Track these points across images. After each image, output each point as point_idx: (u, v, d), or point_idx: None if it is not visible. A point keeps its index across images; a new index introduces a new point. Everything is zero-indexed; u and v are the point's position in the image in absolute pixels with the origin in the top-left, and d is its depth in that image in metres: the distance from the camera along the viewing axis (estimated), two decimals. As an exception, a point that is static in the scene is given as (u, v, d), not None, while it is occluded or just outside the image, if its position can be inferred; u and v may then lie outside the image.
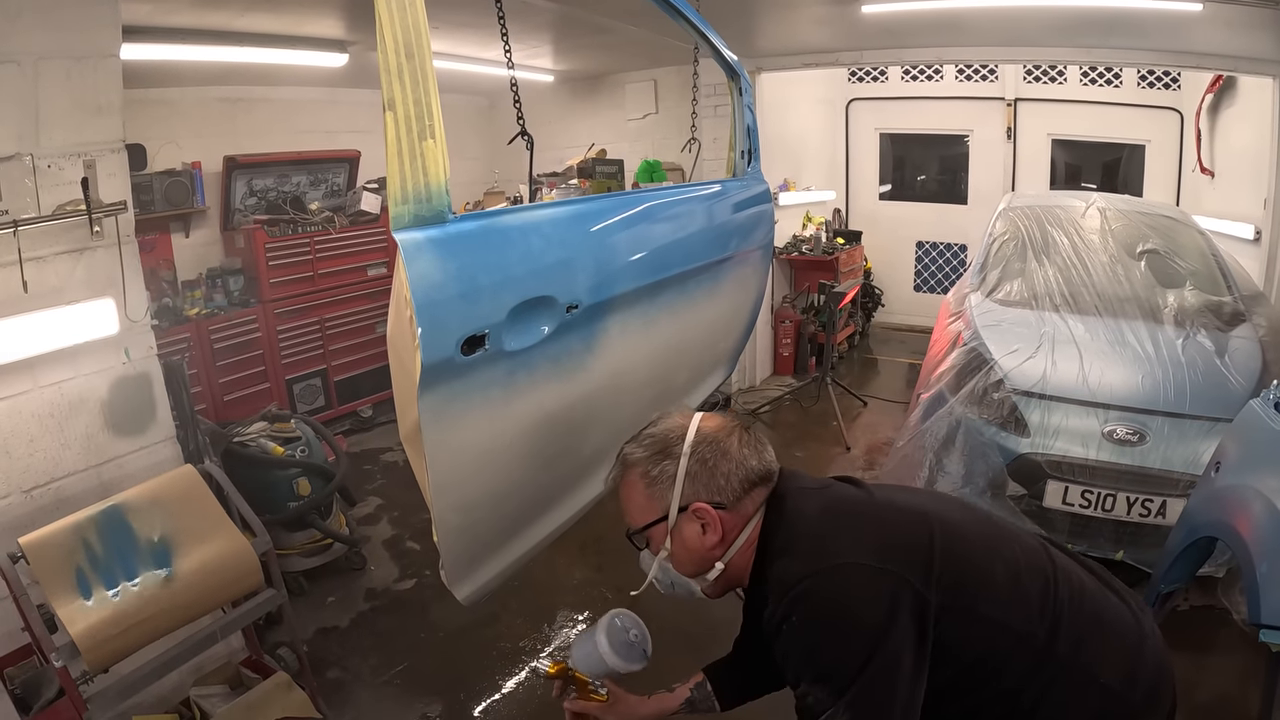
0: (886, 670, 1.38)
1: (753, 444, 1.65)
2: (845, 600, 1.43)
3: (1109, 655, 1.52)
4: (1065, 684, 1.48)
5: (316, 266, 6.23)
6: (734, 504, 1.62)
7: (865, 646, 1.39)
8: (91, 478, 2.90)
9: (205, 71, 5.51)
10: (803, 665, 1.46)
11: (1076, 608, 1.54)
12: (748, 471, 1.62)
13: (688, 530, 1.64)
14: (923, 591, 1.43)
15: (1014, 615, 1.49)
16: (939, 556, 1.48)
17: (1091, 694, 1.49)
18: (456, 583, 2.21)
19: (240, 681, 3.18)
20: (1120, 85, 7.71)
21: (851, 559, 1.46)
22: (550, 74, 7.51)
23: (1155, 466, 3.57)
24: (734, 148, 3.68)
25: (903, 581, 1.43)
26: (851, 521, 1.56)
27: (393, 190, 1.75)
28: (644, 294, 2.54)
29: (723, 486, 1.60)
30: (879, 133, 9.22)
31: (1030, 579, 1.54)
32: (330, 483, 4.26)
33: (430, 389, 1.79)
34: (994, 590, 1.50)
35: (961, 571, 1.49)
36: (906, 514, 1.59)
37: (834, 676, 1.40)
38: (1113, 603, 1.61)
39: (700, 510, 1.60)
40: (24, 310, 2.57)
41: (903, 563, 1.45)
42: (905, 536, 1.51)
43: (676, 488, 1.61)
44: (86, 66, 2.70)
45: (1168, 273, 4.60)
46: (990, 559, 1.55)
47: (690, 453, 1.62)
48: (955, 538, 1.54)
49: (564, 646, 3.74)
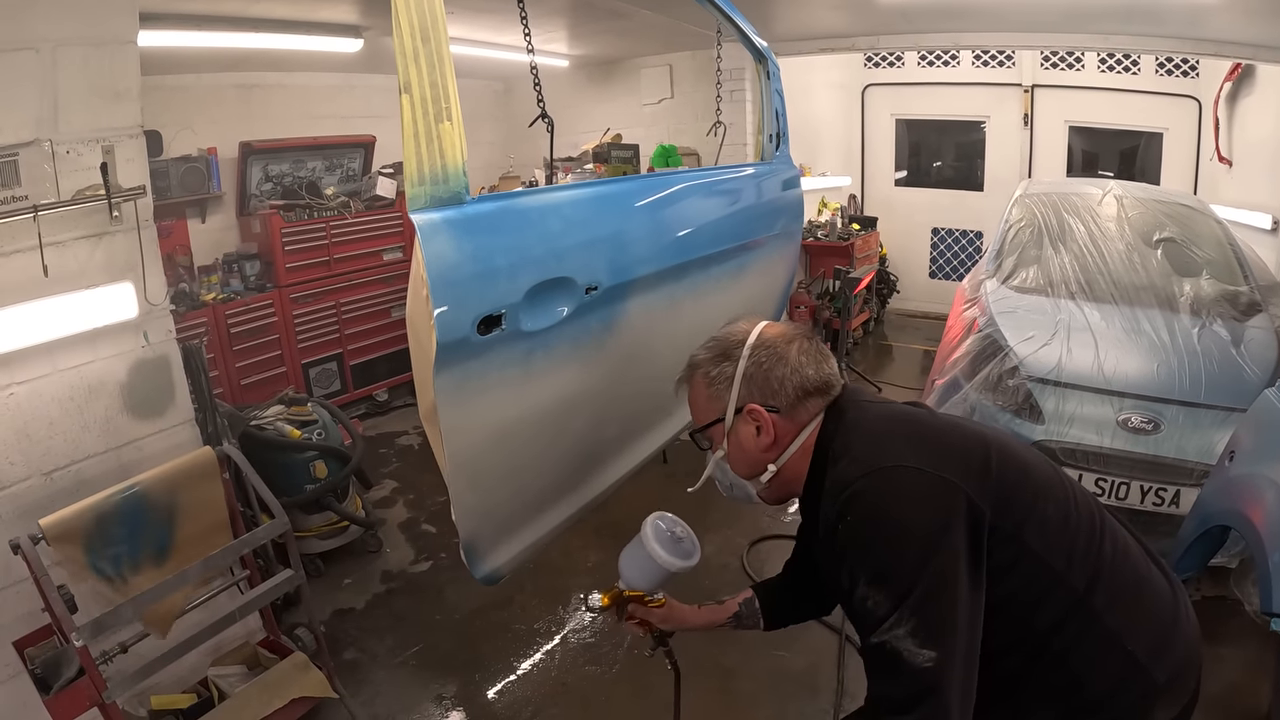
0: (946, 575, 1.36)
1: (813, 354, 1.65)
2: (901, 501, 1.41)
3: (1140, 624, 1.50)
4: (1095, 639, 1.46)
5: (332, 251, 6.25)
6: (788, 409, 1.63)
7: (922, 549, 1.37)
8: (111, 460, 2.93)
9: (220, 58, 5.53)
10: (859, 565, 1.43)
11: (1117, 567, 1.52)
12: (803, 379, 1.62)
13: (743, 431, 1.67)
14: (978, 503, 1.41)
15: (1056, 554, 1.46)
16: (995, 475, 1.46)
17: (1115, 657, 1.47)
18: (475, 562, 2.23)
19: (258, 662, 3.23)
20: (1138, 72, 7.63)
21: (909, 462, 1.44)
22: (565, 59, 7.49)
23: (1169, 455, 3.56)
24: (762, 131, 3.66)
25: (957, 490, 1.41)
26: (911, 430, 1.56)
27: (409, 172, 1.76)
28: (668, 276, 2.53)
29: (777, 391, 1.62)
30: (895, 118, 9.16)
31: (1079, 525, 1.52)
32: (347, 466, 4.29)
33: (446, 368, 1.81)
34: (1042, 523, 1.48)
35: (1013, 496, 1.47)
36: (968, 434, 1.58)
37: (892, 579, 1.37)
38: (1155, 575, 1.58)
39: (754, 412, 1.63)
40: (44, 294, 2.59)
41: (959, 472, 1.43)
42: (963, 450, 1.50)
43: (733, 390, 1.65)
44: (105, 53, 2.71)
45: (1184, 261, 4.57)
46: (1043, 493, 1.52)
47: (748, 356, 1.65)
48: (1012, 464, 1.53)
49: (574, 622, 3.77)
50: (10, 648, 2.55)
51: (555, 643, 3.70)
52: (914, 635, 1.33)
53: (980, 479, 1.44)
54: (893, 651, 1.35)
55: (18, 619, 2.62)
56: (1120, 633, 1.47)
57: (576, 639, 3.72)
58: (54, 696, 2.39)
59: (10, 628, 2.60)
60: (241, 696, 2.92)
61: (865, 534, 1.42)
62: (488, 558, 2.28)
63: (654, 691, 3.35)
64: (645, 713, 3.22)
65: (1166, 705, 1.53)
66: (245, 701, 2.88)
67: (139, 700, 2.94)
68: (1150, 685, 1.48)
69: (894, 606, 1.35)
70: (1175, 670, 1.51)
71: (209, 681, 3.09)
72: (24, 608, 2.62)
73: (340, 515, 4.28)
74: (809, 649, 3.45)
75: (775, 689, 3.27)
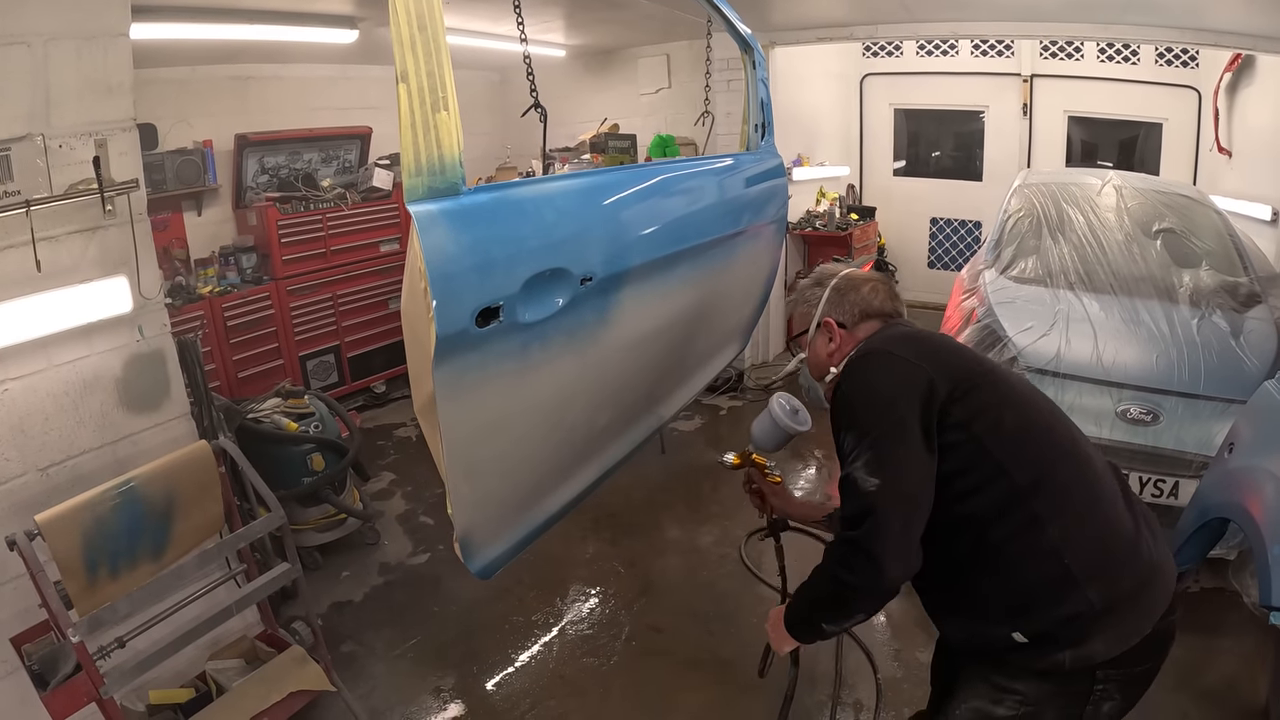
0: (899, 426, 1.70)
1: (881, 290, 2.08)
2: (877, 372, 1.84)
3: (1082, 545, 1.67)
4: (1032, 541, 1.68)
5: (329, 243, 6.23)
6: (851, 326, 2.05)
7: (884, 404, 1.74)
8: (107, 455, 2.92)
9: (216, 50, 5.50)
10: (840, 420, 1.83)
11: (1070, 486, 1.74)
12: (866, 305, 2.04)
13: (819, 340, 2.10)
14: (938, 385, 1.73)
15: (1003, 450, 1.72)
16: (964, 375, 1.80)
17: (1050, 565, 1.66)
18: (471, 555, 2.22)
19: (255, 655, 3.23)
20: (1138, 62, 7.60)
21: (893, 349, 1.87)
22: (562, 49, 7.46)
23: (1168, 447, 3.56)
24: (748, 121, 3.65)
25: (922, 370, 1.76)
26: (912, 336, 1.96)
27: (406, 162, 1.75)
28: (658, 267, 2.53)
29: (846, 310, 2.06)
30: (893, 108, 9.12)
31: (1038, 439, 1.78)
32: (344, 458, 4.29)
33: (445, 361, 1.80)
34: (996, 424, 1.75)
35: (974, 395, 1.76)
36: (961, 350, 1.98)
37: (859, 424, 1.75)
38: (1119, 514, 1.75)
39: (827, 324, 2.07)
40: (38, 290, 2.58)
41: (931, 363, 1.79)
42: (946, 354, 1.89)
43: (819, 308, 2.09)
44: (97, 46, 2.69)
45: (1184, 252, 4.56)
46: (1010, 406, 1.81)
47: (833, 284, 2.09)
48: (989, 377, 1.85)
49: (572, 614, 3.78)
50: (7, 644, 2.54)
51: (553, 635, 3.71)
52: (866, 466, 1.68)
53: (948, 372, 1.78)
54: (851, 480, 1.71)
55: (14, 615, 2.61)
56: (1059, 545, 1.66)
57: (574, 631, 3.73)
58: (51, 692, 2.38)
59: (7, 624, 2.59)
60: (239, 690, 2.92)
61: (848, 396, 1.83)
62: (483, 551, 2.28)
63: (651, 682, 3.36)
64: (642, 705, 3.23)
65: (1106, 638, 1.65)
66: (243, 695, 2.88)
67: (137, 695, 2.95)
68: (1085, 606, 1.64)
69: (856, 443, 1.73)
70: (1115, 603, 1.65)
71: (207, 676, 3.10)
72: (21, 604, 2.61)
73: (338, 508, 4.28)
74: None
75: (774, 680, 3.27)
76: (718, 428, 6.22)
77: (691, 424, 6.20)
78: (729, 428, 6.24)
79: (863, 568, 1.65)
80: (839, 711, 3.10)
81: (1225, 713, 3.04)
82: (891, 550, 1.64)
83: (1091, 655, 1.66)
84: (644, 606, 3.90)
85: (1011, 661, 1.75)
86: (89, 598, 2.50)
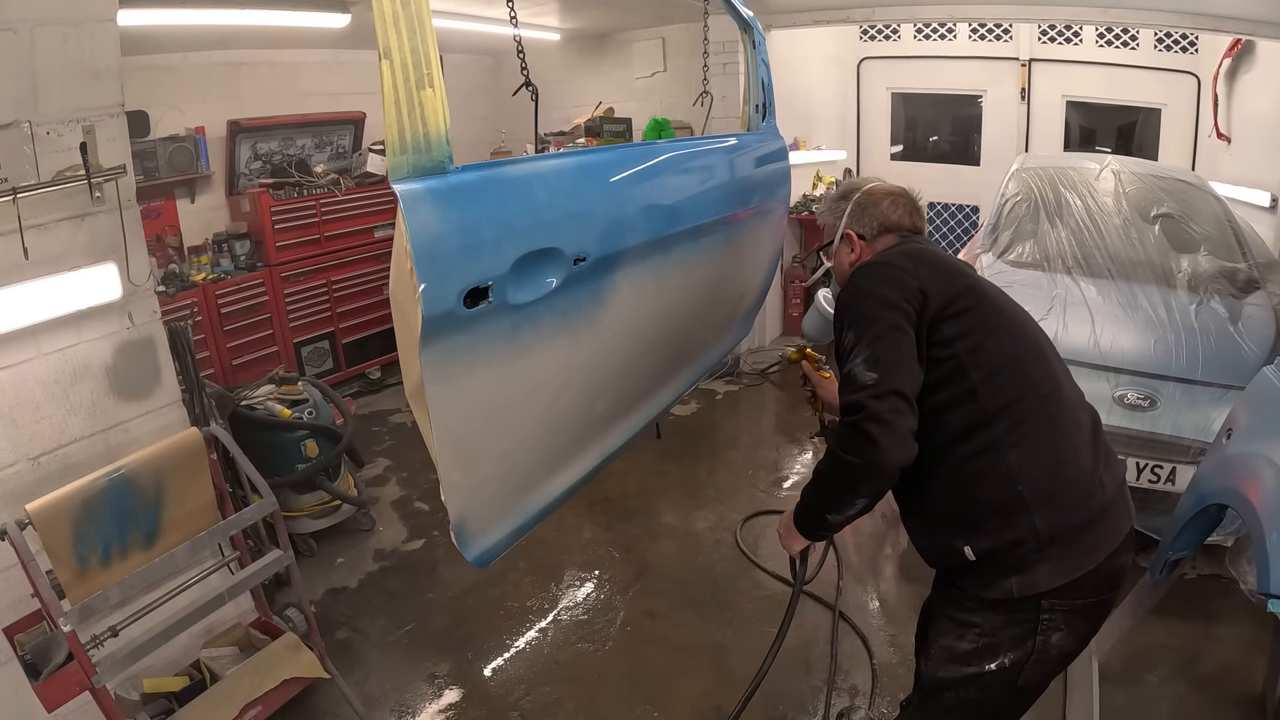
0: (893, 328, 1.83)
1: (901, 206, 2.24)
2: (875, 279, 1.95)
3: (1037, 475, 1.81)
4: (991, 462, 1.82)
5: (323, 229, 6.21)
6: (871, 238, 2.21)
7: (881, 307, 1.86)
8: (98, 443, 2.90)
9: (207, 35, 5.44)
10: (841, 318, 1.94)
11: (1038, 420, 1.86)
12: (884, 219, 2.20)
13: (842, 248, 2.27)
14: (930, 298, 1.87)
15: (979, 373, 1.85)
16: (957, 295, 1.91)
17: (1004, 489, 1.80)
18: (467, 543, 2.20)
19: (249, 643, 3.22)
20: (1137, 47, 7.53)
21: (892, 261, 1.99)
22: (556, 32, 7.41)
23: (1166, 432, 3.55)
24: (748, 102, 3.62)
25: (916, 281, 1.89)
26: (917, 250, 2.07)
27: (390, 140, 1.72)
28: (655, 248, 2.50)
29: (867, 223, 2.22)
30: (891, 92, 9.05)
31: (1017, 372, 1.89)
32: (338, 444, 4.28)
33: (432, 342, 1.78)
34: (978, 347, 1.87)
35: (964, 316, 1.89)
36: (965, 272, 2.04)
37: (859, 323, 1.86)
38: (1079, 451, 1.88)
39: (848, 235, 2.24)
40: (26, 278, 2.55)
41: (928, 279, 1.91)
42: (944, 271, 1.98)
43: (843, 219, 2.25)
44: (83, 32, 2.65)
45: (1182, 238, 4.54)
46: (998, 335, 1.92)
47: (856, 199, 2.25)
48: (983, 304, 1.95)
49: (567, 600, 3.78)
50: (0, 635, 2.53)
51: (548, 620, 3.71)
52: (865, 363, 1.79)
53: (943, 289, 1.90)
54: (851, 375, 1.82)
55: (6, 605, 2.59)
56: (1015, 471, 1.80)
57: (569, 616, 3.73)
58: (44, 682, 2.37)
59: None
60: (233, 678, 2.91)
61: (848, 297, 1.96)
62: (479, 539, 2.26)
63: (645, 668, 3.37)
64: (637, 689, 3.23)
65: (1049, 568, 1.78)
66: (237, 683, 2.87)
67: (131, 684, 2.94)
68: (1031, 534, 1.78)
69: (855, 341, 1.84)
70: (1060, 535, 1.78)
71: (201, 664, 3.09)
72: (13, 594, 2.60)
73: (332, 494, 4.27)
74: (803, 626, 3.45)
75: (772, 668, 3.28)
76: (714, 413, 6.22)
77: (688, 408, 6.19)
78: (725, 412, 6.24)
79: (863, 449, 1.74)
80: (834, 696, 3.10)
81: (1222, 699, 3.05)
82: (888, 434, 1.72)
83: (1035, 583, 1.79)
84: (639, 592, 3.91)
85: (967, 592, 1.91)
86: (80, 586, 2.48)
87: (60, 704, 2.44)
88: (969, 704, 1.97)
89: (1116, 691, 2.96)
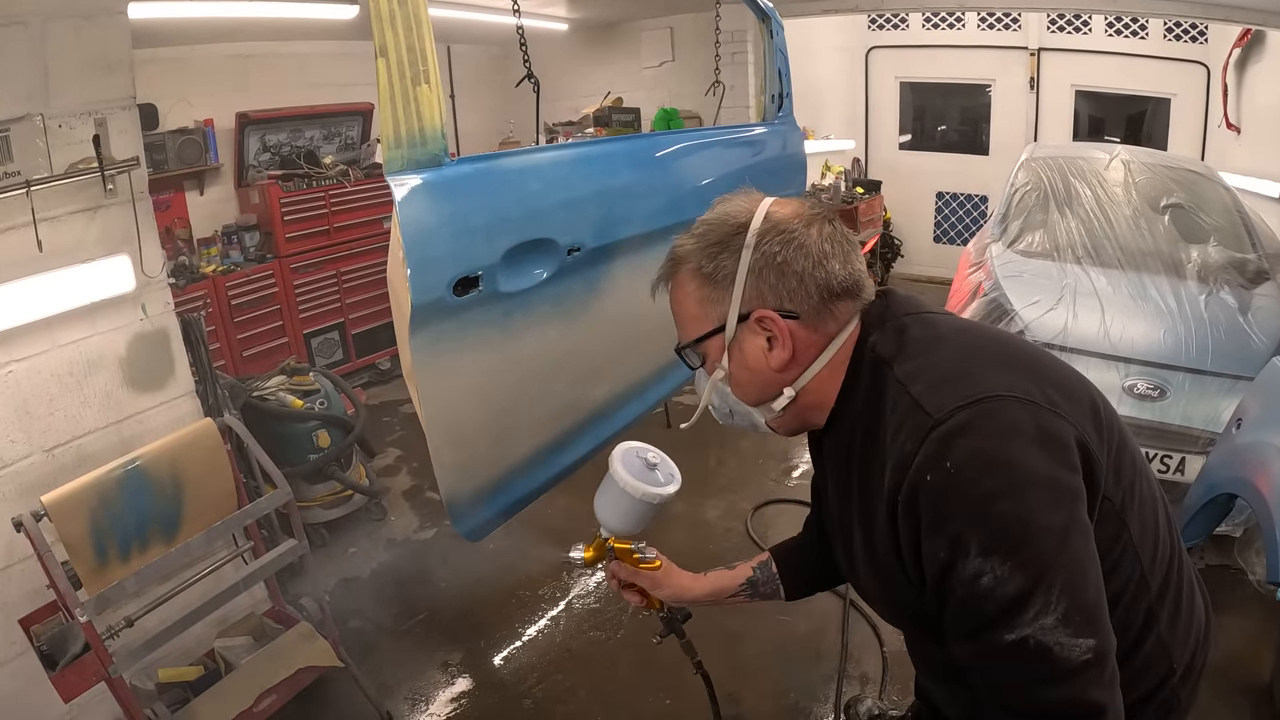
0: (1079, 534, 1.04)
1: (839, 241, 1.24)
2: (1026, 442, 1.04)
3: (1184, 641, 1.25)
4: (1151, 651, 1.20)
5: (332, 220, 6.21)
6: (811, 315, 1.23)
7: (1060, 506, 1.03)
8: (112, 434, 2.92)
9: (215, 28, 5.44)
10: (969, 528, 1.02)
11: (1181, 572, 1.26)
12: (828, 275, 1.21)
13: (749, 345, 1.27)
14: (1096, 456, 1.10)
15: (1145, 543, 1.18)
16: (1105, 423, 1.16)
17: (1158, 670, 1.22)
18: (459, 518, 2.26)
19: (264, 632, 3.24)
20: (1146, 37, 7.50)
21: (1021, 394, 1.08)
22: (564, 22, 7.38)
23: (1175, 422, 3.55)
24: (764, 91, 3.62)
25: (1069, 429, 1.08)
26: (1004, 351, 1.22)
27: (386, 135, 1.79)
28: (656, 239, 2.51)
29: (795, 290, 1.21)
30: (899, 81, 9.04)
31: (1158, 514, 1.23)
32: (349, 435, 4.30)
33: (422, 329, 1.84)
34: (1141, 503, 1.18)
35: (1122, 460, 1.17)
36: (1064, 366, 1.25)
37: (1028, 546, 1.00)
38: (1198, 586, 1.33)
39: (765, 319, 1.23)
40: (40, 270, 2.57)
41: (1070, 410, 1.11)
42: (1069, 384, 1.17)
43: (736, 290, 1.23)
44: (95, 25, 2.66)
45: (1192, 228, 4.52)
46: (1139, 464, 1.22)
47: (755, 245, 1.22)
48: (1115, 416, 1.21)
49: (578, 588, 3.79)
50: (16, 625, 2.55)
51: (560, 609, 3.72)
52: (1065, 619, 0.99)
53: (1095, 422, 1.14)
54: (1043, 649, 0.99)
55: (23, 596, 2.63)
56: (1167, 648, 1.22)
57: (581, 604, 3.74)
58: (60, 673, 2.39)
59: (16, 605, 2.61)
60: (248, 667, 2.93)
61: (978, 486, 1.03)
62: (470, 514, 2.30)
63: (659, 657, 3.37)
64: (650, 677, 3.24)
65: None
66: (252, 672, 2.89)
67: (146, 674, 2.96)
68: (1175, 704, 1.25)
69: (1032, 585, 0.99)
70: (1193, 689, 1.29)
71: (215, 653, 3.11)
72: (29, 585, 2.63)
73: (344, 484, 4.29)
74: (813, 614, 3.46)
75: (779, 653, 3.29)
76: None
77: (697, 398, 6.18)
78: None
79: None
80: (845, 685, 3.11)
81: (1229, 689, 3.04)
82: None
83: None
84: (650, 581, 3.90)
85: None
86: (99, 578, 2.51)
87: (77, 694, 2.47)
88: None
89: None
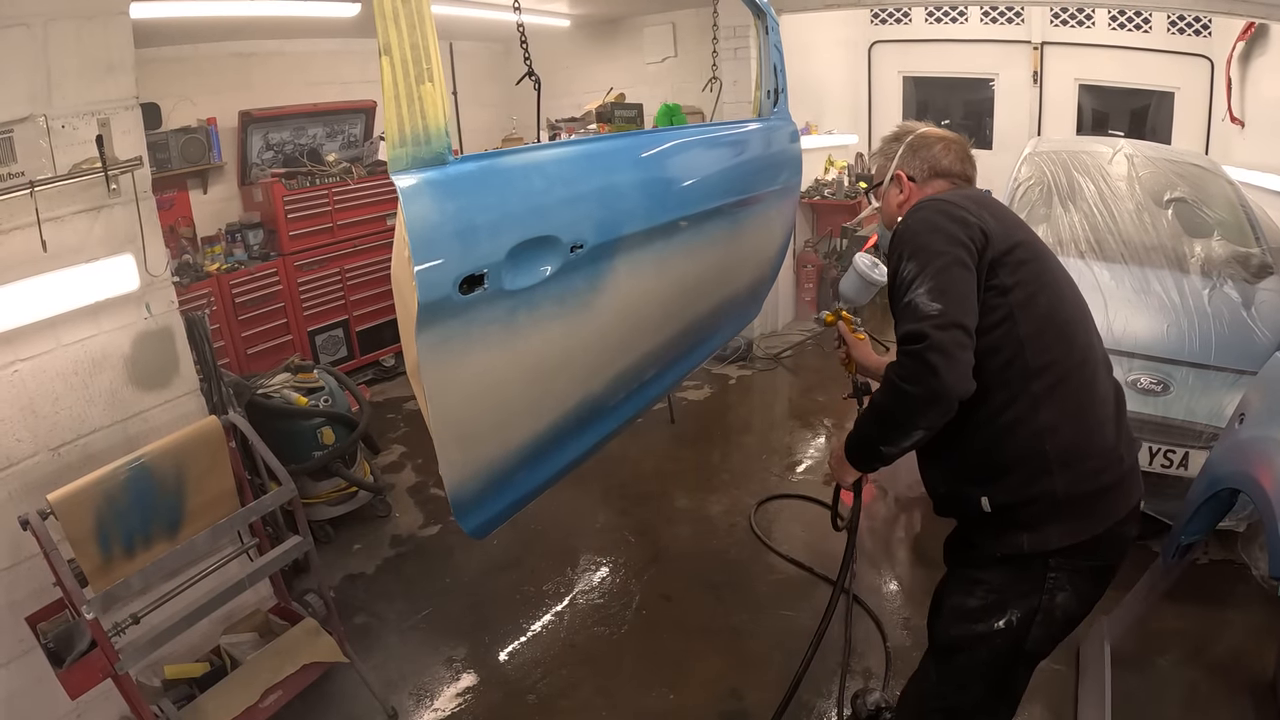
0: (959, 263, 1.81)
1: (953, 152, 2.20)
2: (940, 215, 1.91)
3: (1065, 437, 1.84)
4: (1023, 417, 1.84)
5: (335, 218, 6.23)
6: (921, 181, 2.20)
7: (946, 242, 1.84)
8: (117, 433, 2.94)
9: (217, 27, 5.45)
10: (900, 249, 1.90)
11: (1073, 384, 1.89)
12: (936, 163, 2.19)
13: (891, 190, 2.26)
14: (993, 241, 1.87)
15: (1028, 326, 1.84)
16: (1015, 244, 1.90)
17: (1032, 446, 1.84)
18: (464, 515, 2.27)
19: (269, 629, 3.26)
20: (1150, 30, 7.47)
21: (955, 200, 1.97)
22: (566, 18, 7.37)
23: (1178, 417, 3.55)
24: (760, 87, 3.62)
25: (979, 223, 1.88)
26: (980, 199, 2.04)
27: (390, 134, 1.79)
28: (657, 234, 2.52)
29: (918, 166, 2.21)
30: (902, 76, 9.00)
31: (1061, 332, 1.90)
32: (354, 431, 4.31)
33: (428, 327, 1.85)
34: (1029, 301, 1.87)
35: (1021, 267, 1.88)
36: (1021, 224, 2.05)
37: (919, 255, 1.83)
38: (1105, 423, 1.92)
39: (898, 176, 2.23)
40: (44, 270, 2.58)
41: (990, 223, 1.90)
42: (1009, 225, 1.97)
43: (894, 160, 2.24)
44: (96, 25, 2.67)
45: (1195, 222, 4.50)
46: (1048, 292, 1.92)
47: (909, 141, 2.24)
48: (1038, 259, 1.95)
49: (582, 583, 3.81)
50: (23, 623, 2.57)
51: (564, 604, 3.74)
52: (929, 293, 1.76)
53: (1003, 234, 1.90)
54: (912, 304, 1.77)
55: (29, 594, 2.65)
56: (1044, 430, 1.83)
57: (585, 600, 3.76)
58: (67, 670, 2.40)
59: (22, 603, 2.62)
60: (253, 664, 2.95)
61: (912, 228, 1.92)
62: (475, 510, 2.31)
63: (661, 650, 3.39)
64: (653, 672, 3.26)
65: (1061, 528, 1.85)
66: (257, 668, 2.91)
67: (153, 671, 2.98)
68: (1049, 490, 1.83)
69: (919, 271, 1.80)
70: (1076, 498, 1.84)
71: (221, 650, 3.13)
72: (35, 583, 2.65)
73: (349, 481, 4.31)
74: (816, 609, 3.45)
75: (782, 647, 3.30)
76: (727, 397, 6.23)
77: (701, 393, 6.20)
78: (738, 397, 6.25)
79: (924, 378, 1.72)
80: (848, 679, 3.12)
81: (1233, 685, 3.05)
82: (951, 365, 1.70)
83: (1046, 541, 1.85)
84: (654, 575, 3.93)
85: (979, 549, 1.98)
86: (105, 576, 2.52)
87: (83, 691, 2.47)
88: (978, 667, 2.03)
89: (1128, 675, 2.97)
